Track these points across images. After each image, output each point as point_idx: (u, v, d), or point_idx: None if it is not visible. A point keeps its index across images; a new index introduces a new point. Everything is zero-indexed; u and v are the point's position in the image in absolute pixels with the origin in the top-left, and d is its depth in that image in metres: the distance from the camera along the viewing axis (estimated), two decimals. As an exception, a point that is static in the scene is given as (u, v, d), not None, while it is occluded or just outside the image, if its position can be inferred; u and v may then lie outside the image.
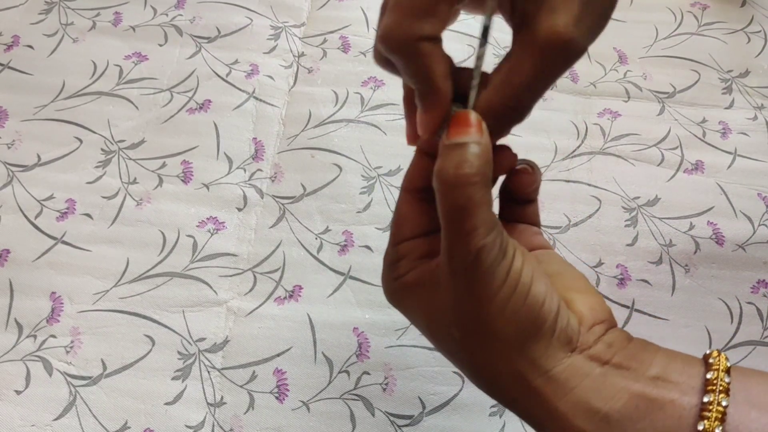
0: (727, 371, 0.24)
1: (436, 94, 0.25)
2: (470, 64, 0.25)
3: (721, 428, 0.23)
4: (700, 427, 0.23)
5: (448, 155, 0.24)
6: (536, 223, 0.31)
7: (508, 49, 0.25)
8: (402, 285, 0.27)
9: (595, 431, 0.24)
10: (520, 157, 0.29)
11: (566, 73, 0.63)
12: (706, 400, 0.23)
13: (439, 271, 0.26)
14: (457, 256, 0.24)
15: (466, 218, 0.24)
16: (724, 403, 0.23)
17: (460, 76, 0.26)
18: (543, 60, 0.24)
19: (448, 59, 0.25)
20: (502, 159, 0.27)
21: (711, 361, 0.24)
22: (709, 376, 0.24)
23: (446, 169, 0.24)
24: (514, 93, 0.24)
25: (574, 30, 0.23)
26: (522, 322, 0.24)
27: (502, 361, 0.25)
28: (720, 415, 0.23)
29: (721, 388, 0.23)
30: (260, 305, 0.51)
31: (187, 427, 0.47)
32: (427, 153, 0.27)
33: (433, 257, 0.27)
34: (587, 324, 0.26)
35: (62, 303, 0.51)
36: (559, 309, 0.25)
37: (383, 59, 0.26)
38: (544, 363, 0.25)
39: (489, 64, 0.26)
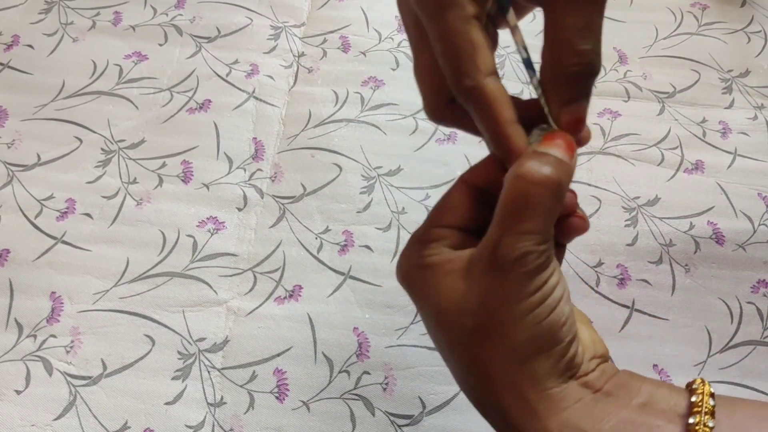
0: (711, 396, 0.24)
1: (512, 155, 0.25)
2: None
3: None
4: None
5: (539, 158, 0.24)
6: (560, 263, 0.31)
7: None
8: (426, 264, 0.27)
9: None
10: None
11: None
12: (691, 421, 0.23)
13: (471, 261, 0.26)
14: (504, 250, 0.24)
15: (528, 218, 0.24)
16: (710, 424, 0.23)
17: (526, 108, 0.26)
18: (576, 6, 0.24)
19: (510, 100, 0.26)
20: (570, 199, 0.28)
21: (695, 386, 0.25)
22: (693, 399, 0.24)
23: (535, 167, 0.24)
24: (570, 45, 0.25)
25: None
26: (539, 334, 0.24)
27: (504, 364, 0.25)
28: None
29: (706, 410, 0.24)
30: (260, 305, 0.51)
31: (187, 427, 0.47)
32: (499, 162, 0.27)
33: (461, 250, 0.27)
34: (588, 355, 0.26)
35: (62, 303, 0.51)
36: (575, 336, 0.25)
37: (451, 119, 0.27)
38: (545, 381, 0.25)
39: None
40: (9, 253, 0.53)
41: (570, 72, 0.25)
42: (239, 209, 0.55)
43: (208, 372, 0.49)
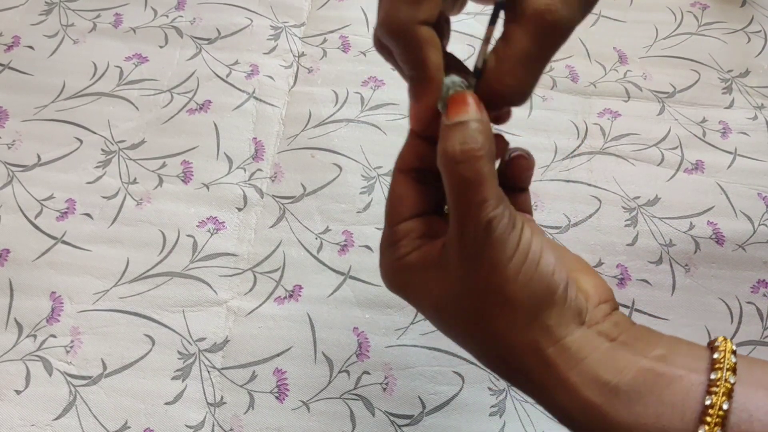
0: (733, 353, 0.24)
1: (428, 83, 0.25)
2: (472, 62, 0.26)
3: (728, 404, 0.23)
4: (708, 402, 0.23)
5: (451, 134, 0.25)
6: (529, 212, 0.31)
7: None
8: (405, 265, 0.27)
9: (603, 403, 0.24)
10: None
11: (566, 73, 0.64)
12: (713, 377, 0.24)
13: (445, 248, 0.26)
14: (469, 228, 0.24)
15: (475, 191, 0.24)
16: (731, 380, 0.23)
17: (455, 66, 0.26)
18: (534, 38, 0.24)
19: (441, 48, 0.26)
20: (497, 144, 0.28)
21: (717, 344, 0.25)
22: (715, 356, 0.24)
23: (452, 146, 0.24)
24: (511, 72, 0.25)
25: (561, 7, 0.24)
26: (535, 289, 0.25)
27: (516, 329, 0.25)
28: (727, 391, 0.23)
29: (728, 366, 0.24)
30: (260, 305, 0.51)
31: (187, 426, 0.47)
32: (420, 135, 0.28)
33: (432, 237, 0.27)
34: (593, 301, 0.26)
35: (62, 303, 0.51)
36: (568, 280, 0.26)
37: (382, 46, 0.26)
38: (557, 331, 0.25)
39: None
40: (9, 253, 0.53)
41: (501, 93, 0.26)
42: (239, 209, 0.55)
43: (208, 372, 0.49)
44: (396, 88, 0.62)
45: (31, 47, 0.65)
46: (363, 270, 0.53)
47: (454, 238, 0.25)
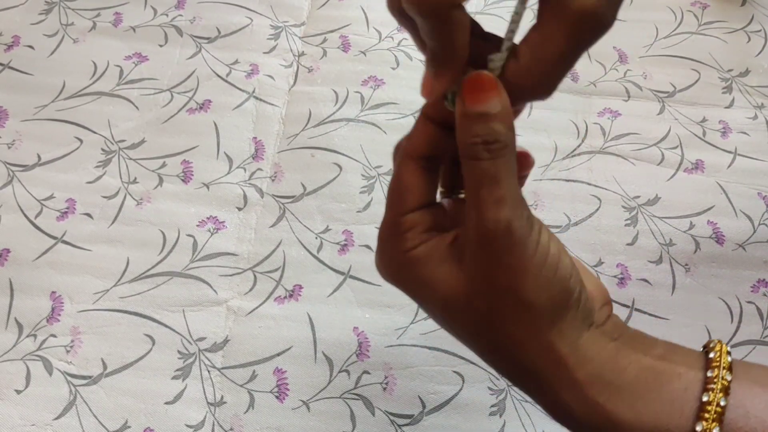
0: (728, 353, 0.25)
1: (452, 61, 0.24)
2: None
3: (725, 400, 0.23)
4: (705, 399, 0.23)
5: (473, 125, 0.24)
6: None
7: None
8: (411, 259, 0.26)
9: (605, 402, 0.25)
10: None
11: (566, 73, 0.64)
12: (710, 374, 0.24)
13: (457, 244, 0.26)
14: (489, 227, 0.24)
15: (495, 188, 0.24)
16: (728, 378, 0.24)
17: (482, 46, 0.25)
18: (574, 33, 0.23)
19: (470, 28, 0.24)
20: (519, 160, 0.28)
21: (712, 345, 0.25)
22: (711, 355, 0.25)
23: (473, 140, 0.24)
24: (545, 66, 0.24)
25: (607, 10, 0.23)
26: (554, 293, 0.25)
27: (533, 331, 0.25)
28: (724, 388, 0.23)
29: (724, 364, 0.24)
30: (260, 305, 0.51)
31: (188, 426, 0.47)
32: (432, 119, 0.27)
33: (439, 230, 0.27)
34: (598, 303, 0.26)
35: (62, 302, 0.51)
36: (582, 284, 0.26)
37: (401, 13, 0.25)
38: (571, 333, 0.25)
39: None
40: (9, 252, 0.53)
41: (530, 86, 0.25)
42: (239, 209, 0.55)
43: (208, 371, 0.49)
44: (396, 88, 0.62)
45: (31, 47, 0.65)
46: (363, 270, 0.53)
47: (473, 235, 0.25)
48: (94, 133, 0.59)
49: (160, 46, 0.65)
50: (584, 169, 0.58)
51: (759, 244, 0.54)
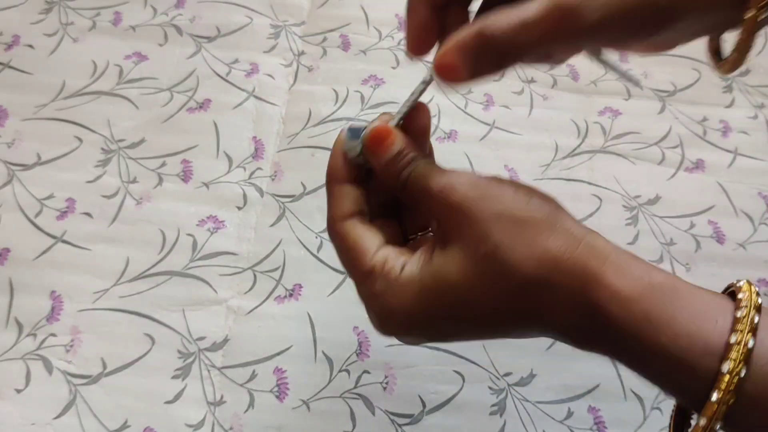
0: (757, 294, 0.24)
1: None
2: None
3: (753, 341, 0.22)
4: (733, 339, 0.22)
5: (390, 169, 0.29)
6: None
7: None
8: (405, 284, 0.26)
9: (640, 297, 0.23)
10: (521, 156, 0.30)
11: (567, 72, 0.63)
12: (740, 296, 0.23)
13: (429, 243, 0.27)
14: (448, 190, 0.27)
15: (433, 176, 0.28)
16: (759, 300, 0.23)
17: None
18: (559, 24, 0.24)
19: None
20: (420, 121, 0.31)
21: (739, 285, 0.24)
22: (740, 296, 0.24)
23: (398, 178, 0.29)
24: (517, 39, 0.25)
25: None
26: (537, 202, 0.26)
27: (541, 239, 0.25)
28: (753, 327, 0.22)
29: (754, 290, 0.24)
30: (260, 304, 0.51)
31: (187, 425, 0.47)
32: (347, 180, 0.30)
33: (409, 251, 0.28)
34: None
35: (62, 302, 0.51)
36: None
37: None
38: (579, 230, 0.26)
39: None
40: (9, 252, 0.53)
41: (495, 50, 0.26)
42: (239, 208, 0.55)
43: (208, 371, 0.49)
44: (396, 87, 0.62)
45: (30, 46, 0.64)
46: (363, 269, 0.53)
47: (444, 212, 0.26)
48: (94, 132, 0.59)
49: (160, 45, 0.65)
50: (585, 168, 0.58)
51: (759, 243, 0.54)
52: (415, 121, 0.30)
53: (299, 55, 0.65)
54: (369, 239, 0.28)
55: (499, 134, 0.59)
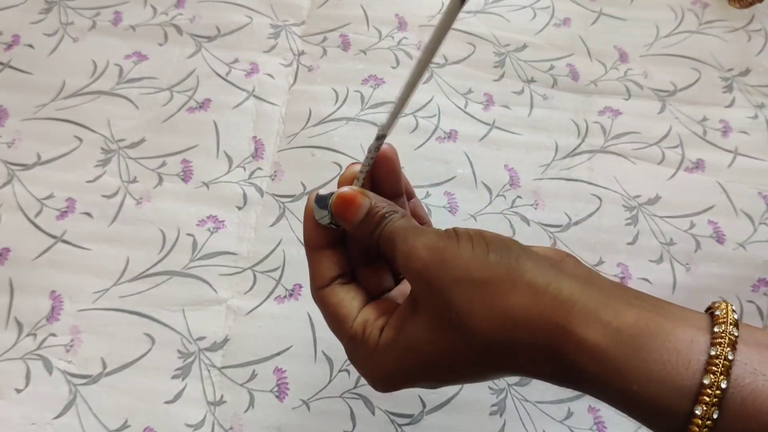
0: (733, 311, 0.24)
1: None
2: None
3: (732, 355, 0.22)
4: (713, 352, 0.22)
5: (363, 229, 0.29)
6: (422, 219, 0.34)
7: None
8: (387, 347, 0.28)
9: (608, 347, 0.23)
10: (521, 156, 0.30)
11: (567, 72, 0.63)
12: (717, 330, 0.23)
13: (404, 303, 0.28)
14: (413, 252, 0.27)
15: (405, 235, 0.28)
16: (735, 333, 0.23)
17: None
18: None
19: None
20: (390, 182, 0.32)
21: (716, 305, 0.25)
22: (717, 313, 0.24)
23: (373, 235, 0.30)
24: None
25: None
26: (497, 256, 0.26)
27: (501, 297, 0.25)
28: (731, 342, 0.23)
29: (730, 321, 0.23)
30: (260, 304, 0.51)
31: (187, 425, 0.47)
32: (323, 247, 0.31)
33: (388, 310, 0.29)
34: (557, 256, 0.28)
35: (62, 302, 0.51)
36: (520, 244, 0.27)
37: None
38: (541, 280, 0.25)
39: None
40: (9, 252, 0.53)
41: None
42: (239, 208, 0.55)
43: (208, 371, 0.49)
44: (396, 87, 0.62)
45: (30, 46, 0.64)
46: (363, 269, 0.53)
47: (412, 272, 0.27)
48: (94, 132, 0.59)
49: (160, 45, 0.65)
50: (585, 168, 0.58)
51: (759, 243, 0.54)
52: (382, 166, 0.31)
53: (299, 55, 0.64)
54: (348, 304, 0.29)
55: (499, 134, 0.59)
